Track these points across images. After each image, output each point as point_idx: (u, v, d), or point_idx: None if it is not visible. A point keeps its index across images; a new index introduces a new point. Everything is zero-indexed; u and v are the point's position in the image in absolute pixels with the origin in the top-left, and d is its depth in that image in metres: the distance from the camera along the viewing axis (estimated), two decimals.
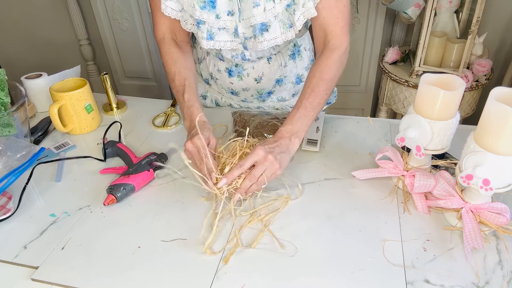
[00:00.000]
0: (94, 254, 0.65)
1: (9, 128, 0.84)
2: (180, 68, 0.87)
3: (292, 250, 0.64)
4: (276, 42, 0.83)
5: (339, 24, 0.81)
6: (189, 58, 0.91)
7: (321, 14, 0.81)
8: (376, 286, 0.58)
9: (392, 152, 0.75)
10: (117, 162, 0.87)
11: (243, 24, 0.82)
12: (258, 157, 0.71)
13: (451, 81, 0.67)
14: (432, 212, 0.70)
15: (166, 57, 0.89)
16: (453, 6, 1.60)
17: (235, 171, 0.70)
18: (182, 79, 0.85)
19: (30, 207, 0.75)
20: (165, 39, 0.90)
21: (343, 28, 0.82)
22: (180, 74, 0.86)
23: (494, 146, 0.58)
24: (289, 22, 0.82)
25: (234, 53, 0.92)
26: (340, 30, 0.82)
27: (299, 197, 0.74)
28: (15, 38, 2.35)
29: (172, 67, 0.87)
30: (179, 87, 0.84)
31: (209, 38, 0.85)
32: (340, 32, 0.82)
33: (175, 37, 0.92)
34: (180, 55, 0.89)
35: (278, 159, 0.71)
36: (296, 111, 0.78)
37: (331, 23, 0.81)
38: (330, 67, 0.81)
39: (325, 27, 0.82)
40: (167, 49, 0.89)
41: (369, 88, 2.09)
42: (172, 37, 0.91)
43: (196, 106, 0.81)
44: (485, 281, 0.58)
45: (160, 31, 0.91)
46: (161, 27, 0.90)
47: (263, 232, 0.67)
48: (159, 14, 0.87)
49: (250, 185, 0.71)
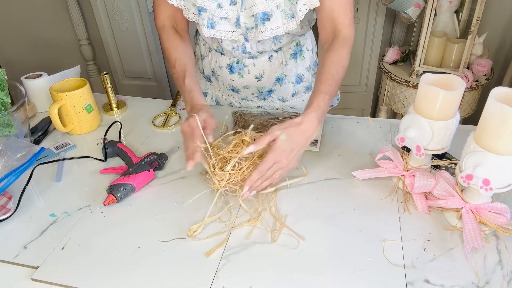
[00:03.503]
0: (94, 254, 0.65)
1: (9, 128, 0.84)
2: (181, 54, 0.88)
3: (292, 250, 0.64)
4: (278, 32, 0.83)
5: (347, 14, 0.83)
6: (189, 46, 0.92)
7: (330, 5, 0.82)
8: (376, 286, 0.58)
9: (392, 152, 0.75)
10: (117, 162, 0.87)
11: (245, 13, 0.83)
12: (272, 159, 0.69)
13: (451, 81, 0.67)
14: (432, 212, 0.70)
15: (167, 44, 0.90)
16: (453, 6, 1.60)
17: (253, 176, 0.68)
18: (183, 65, 0.86)
19: (30, 207, 0.75)
20: (166, 26, 0.92)
21: (351, 20, 0.84)
22: (181, 60, 0.87)
23: (494, 146, 0.58)
24: (291, 12, 0.82)
25: (235, 44, 0.93)
26: (348, 20, 0.83)
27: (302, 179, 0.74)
28: (15, 38, 2.35)
29: (173, 54, 0.88)
30: (180, 72, 0.85)
31: (209, 27, 0.86)
32: (349, 23, 0.83)
33: (176, 25, 0.94)
34: (181, 42, 0.91)
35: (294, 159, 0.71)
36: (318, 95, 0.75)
37: (341, 14, 0.83)
38: (346, 55, 0.82)
39: (335, 18, 0.83)
40: (167, 36, 0.91)
41: (369, 88, 2.09)
42: (173, 25, 0.93)
43: (196, 90, 0.83)
44: (485, 281, 0.58)
45: (161, 18, 0.93)
46: (161, 15, 0.92)
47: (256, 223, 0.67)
48: (161, 2, 0.89)
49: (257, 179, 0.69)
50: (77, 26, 2.17)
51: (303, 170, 0.75)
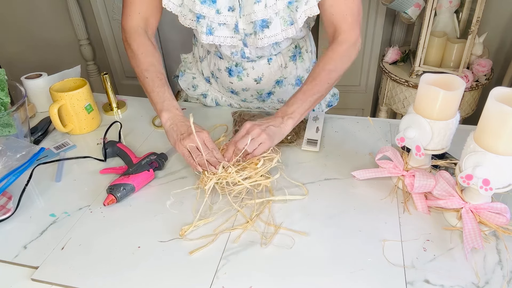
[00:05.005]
0: (94, 254, 0.65)
1: (9, 128, 0.84)
2: (154, 61, 0.87)
3: (292, 249, 0.64)
4: (277, 39, 0.83)
5: (347, 20, 0.83)
6: (159, 55, 0.91)
7: (330, 11, 0.82)
8: (376, 286, 0.58)
9: (392, 152, 0.75)
10: (117, 162, 0.87)
11: (243, 20, 0.83)
12: (245, 129, 0.75)
13: (451, 81, 0.67)
14: (432, 212, 0.70)
15: (141, 48, 0.88)
16: (453, 6, 1.60)
17: (229, 148, 0.75)
18: (158, 72, 0.86)
19: (30, 207, 0.75)
20: (139, 29, 0.90)
21: (352, 24, 0.84)
22: (155, 66, 0.86)
23: (494, 146, 0.58)
24: (290, 19, 0.82)
25: (233, 50, 0.92)
26: (348, 26, 0.83)
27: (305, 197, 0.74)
28: (15, 38, 2.35)
29: (147, 58, 0.87)
30: (155, 78, 0.85)
31: (208, 33, 0.85)
32: (348, 28, 0.83)
33: (147, 30, 0.91)
34: (155, 51, 0.90)
35: (266, 131, 0.75)
36: (294, 96, 0.81)
37: (339, 20, 0.83)
38: (334, 59, 0.83)
39: (335, 23, 0.84)
40: (142, 40, 0.89)
41: (369, 88, 2.09)
42: (145, 28, 0.91)
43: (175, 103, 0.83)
44: (485, 281, 0.58)
45: (134, 20, 0.89)
46: (135, 16, 0.89)
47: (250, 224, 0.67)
48: (135, 2, 0.87)
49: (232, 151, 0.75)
50: (77, 26, 2.17)
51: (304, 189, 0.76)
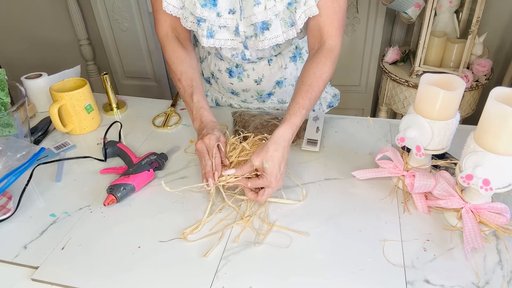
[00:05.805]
0: (94, 254, 0.65)
1: (9, 128, 0.84)
2: (186, 68, 0.86)
3: (292, 250, 0.64)
4: (277, 41, 0.83)
5: (334, 25, 0.82)
6: (193, 58, 0.91)
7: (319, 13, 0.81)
8: (376, 286, 0.58)
9: (392, 152, 0.75)
10: (117, 162, 0.87)
11: (244, 22, 0.82)
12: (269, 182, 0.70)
13: (451, 81, 0.67)
14: (432, 212, 0.70)
15: (172, 57, 0.88)
16: (453, 6, 1.60)
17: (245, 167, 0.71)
18: (189, 80, 0.85)
19: (30, 207, 0.75)
20: (169, 37, 0.90)
21: (338, 30, 0.82)
22: (187, 74, 0.85)
23: (494, 146, 0.58)
24: (290, 21, 0.82)
25: (234, 52, 0.92)
26: (335, 31, 0.82)
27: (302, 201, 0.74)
28: (15, 38, 2.35)
29: (178, 67, 0.86)
30: (187, 87, 0.84)
31: (209, 36, 0.85)
32: (335, 33, 0.82)
33: (178, 35, 0.91)
34: (187, 55, 0.88)
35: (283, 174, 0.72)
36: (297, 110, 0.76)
37: (327, 23, 0.82)
38: (329, 67, 0.81)
39: (321, 26, 0.82)
40: (172, 48, 0.88)
41: (369, 88, 2.09)
42: (175, 34, 0.91)
43: (205, 107, 0.82)
44: (485, 281, 0.58)
45: (163, 28, 0.90)
46: (163, 24, 0.90)
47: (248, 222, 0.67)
48: (161, 12, 0.86)
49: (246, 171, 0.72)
50: (77, 26, 2.17)
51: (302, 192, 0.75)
